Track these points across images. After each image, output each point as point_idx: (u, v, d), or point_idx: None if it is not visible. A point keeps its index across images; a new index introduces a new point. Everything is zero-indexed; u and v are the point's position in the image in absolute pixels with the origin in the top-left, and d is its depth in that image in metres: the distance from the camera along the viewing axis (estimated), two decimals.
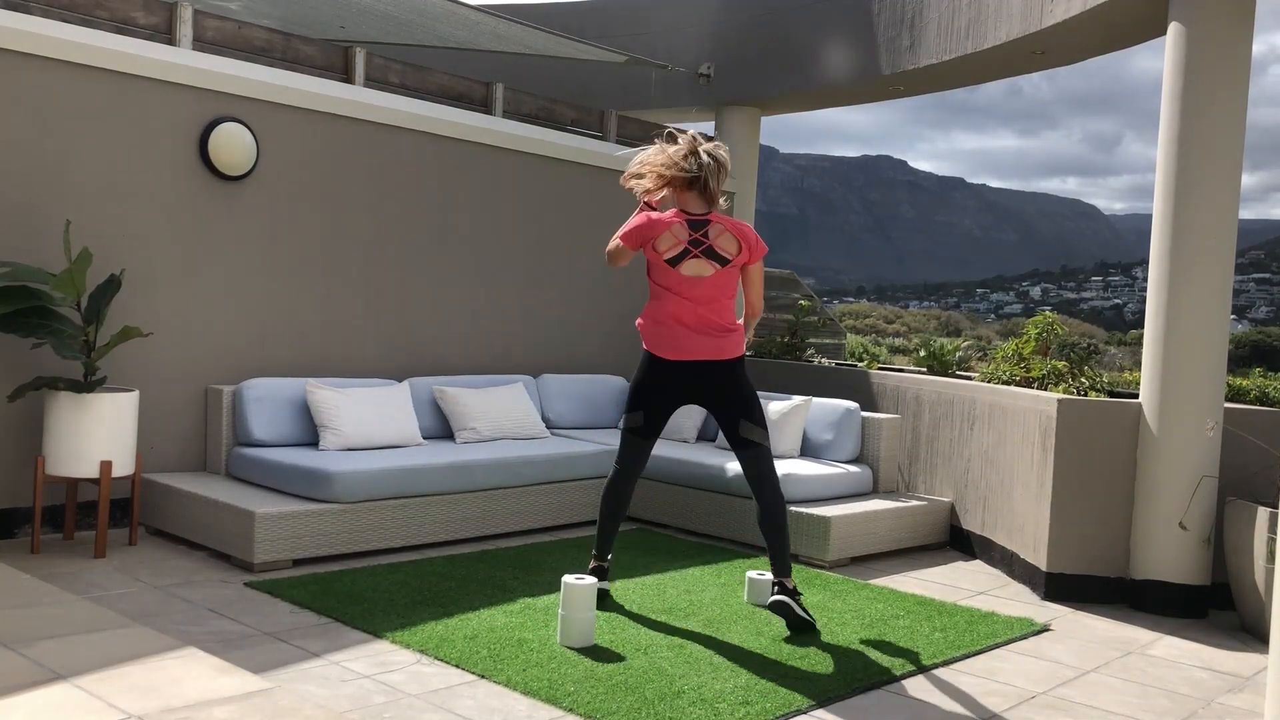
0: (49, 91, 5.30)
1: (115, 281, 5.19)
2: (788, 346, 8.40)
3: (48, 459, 4.98)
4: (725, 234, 4.44)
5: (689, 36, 9.11)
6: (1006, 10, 6.85)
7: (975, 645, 4.34)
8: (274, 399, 5.82)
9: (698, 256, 4.41)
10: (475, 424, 6.41)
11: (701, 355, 4.40)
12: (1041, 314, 6.44)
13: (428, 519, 5.53)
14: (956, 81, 8.23)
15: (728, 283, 4.45)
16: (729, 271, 4.44)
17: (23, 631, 3.06)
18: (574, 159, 7.72)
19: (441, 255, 6.98)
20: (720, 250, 4.42)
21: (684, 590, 4.94)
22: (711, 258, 4.40)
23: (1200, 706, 3.87)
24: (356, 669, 3.68)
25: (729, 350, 4.42)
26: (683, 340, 4.40)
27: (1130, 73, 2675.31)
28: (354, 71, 6.70)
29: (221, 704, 2.61)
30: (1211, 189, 5.17)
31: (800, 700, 3.59)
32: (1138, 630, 4.84)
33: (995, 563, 5.91)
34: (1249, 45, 5.17)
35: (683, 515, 6.32)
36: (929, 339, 7.67)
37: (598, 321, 8.02)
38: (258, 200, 6.09)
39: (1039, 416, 5.47)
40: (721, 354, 4.41)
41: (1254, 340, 42.25)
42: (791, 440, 6.49)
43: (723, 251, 4.42)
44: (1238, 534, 4.91)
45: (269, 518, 4.90)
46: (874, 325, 53.81)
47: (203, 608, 4.29)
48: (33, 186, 5.27)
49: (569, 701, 3.45)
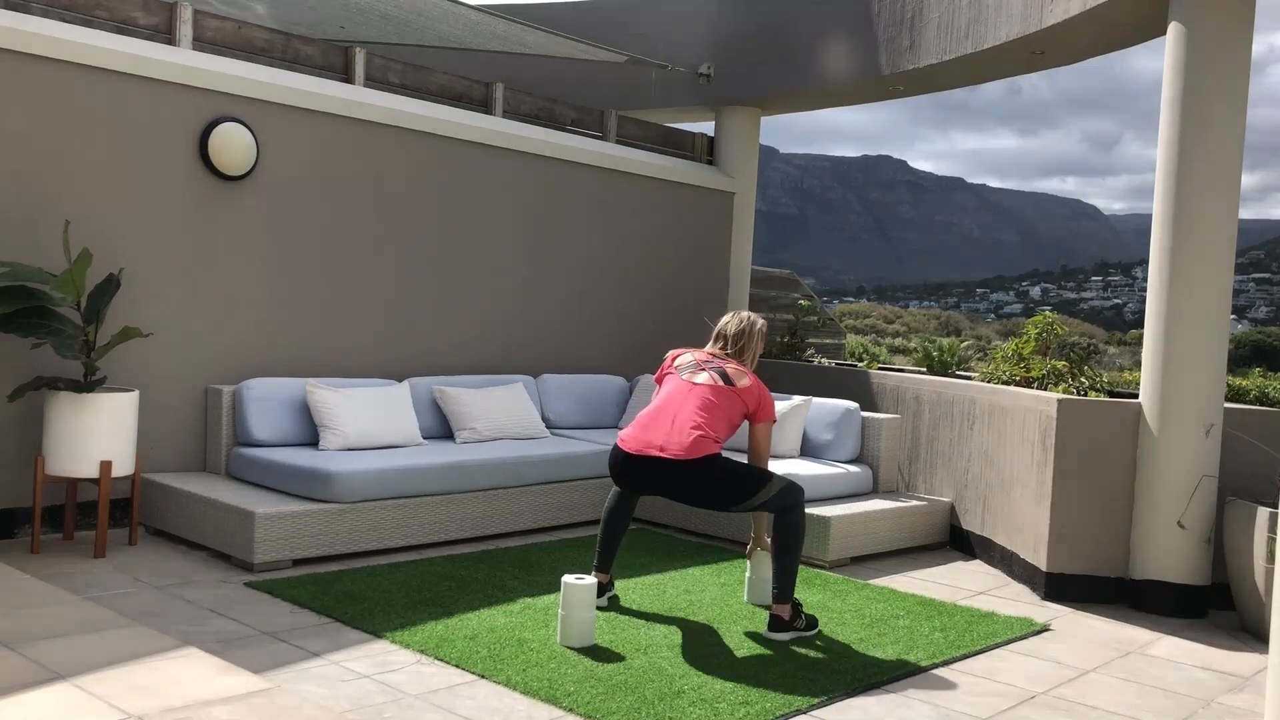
0: (49, 91, 5.30)
1: (114, 281, 5.19)
2: (788, 346, 8.41)
3: (48, 459, 4.98)
4: (739, 373, 4.47)
5: (689, 36, 9.11)
6: (1006, 10, 6.84)
7: (975, 645, 4.35)
8: (274, 399, 5.82)
9: (702, 369, 4.47)
10: (475, 424, 6.41)
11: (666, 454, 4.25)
12: (1041, 314, 6.44)
13: (427, 519, 5.53)
14: (956, 81, 8.23)
15: (723, 402, 4.37)
16: (730, 393, 4.39)
17: (23, 631, 3.06)
18: (574, 159, 7.73)
19: (441, 255, 6.98)
20: (728, 373, 4.44)
21: (684, 590, 4.94)
22: (718, 374, 4.44)
23: (1200, 706, 3.87)
24: (356, 669, 3.68)
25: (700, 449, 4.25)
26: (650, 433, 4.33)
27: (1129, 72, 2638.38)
28: (354, 71, 6.69)
29: (221, 704, 2.61)
30: (1212, 189, 5.17)
31: (800, 700, 3.59)
32: (1137, 630, 4.84)
33: (995, 563, 5.91)
34: (1249, 45, 5.17)
35: (683, 515, 6.32)
36: (928, 340, 7.67)
37: (598, 321, 8.02)
38: (258, 200, 6.09)
39: (1039, 416, 5.47)
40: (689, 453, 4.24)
41: (1254, 340, 42.23)
42: (791, 440, 6.49)
43: (731, 377, 4.43)
44: (1238, 534, 4.91)
45: (269, 518, 4.90)
46: (874, 325, 53.78)
47: (203, 608, 4.29)
48: (32, 186, 5.27)
49: (569, 701, 3.45)
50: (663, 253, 8.49)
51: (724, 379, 4.41)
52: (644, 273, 8.34)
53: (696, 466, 4.23)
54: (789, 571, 4.30)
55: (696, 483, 4.26)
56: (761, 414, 4.47)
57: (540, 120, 7.83)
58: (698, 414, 4.30)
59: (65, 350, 4.84)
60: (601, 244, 8.03)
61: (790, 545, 4.31)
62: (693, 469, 4.23)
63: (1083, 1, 6.00)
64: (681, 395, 4.39)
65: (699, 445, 4.23)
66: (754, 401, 4.44)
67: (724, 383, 4.40)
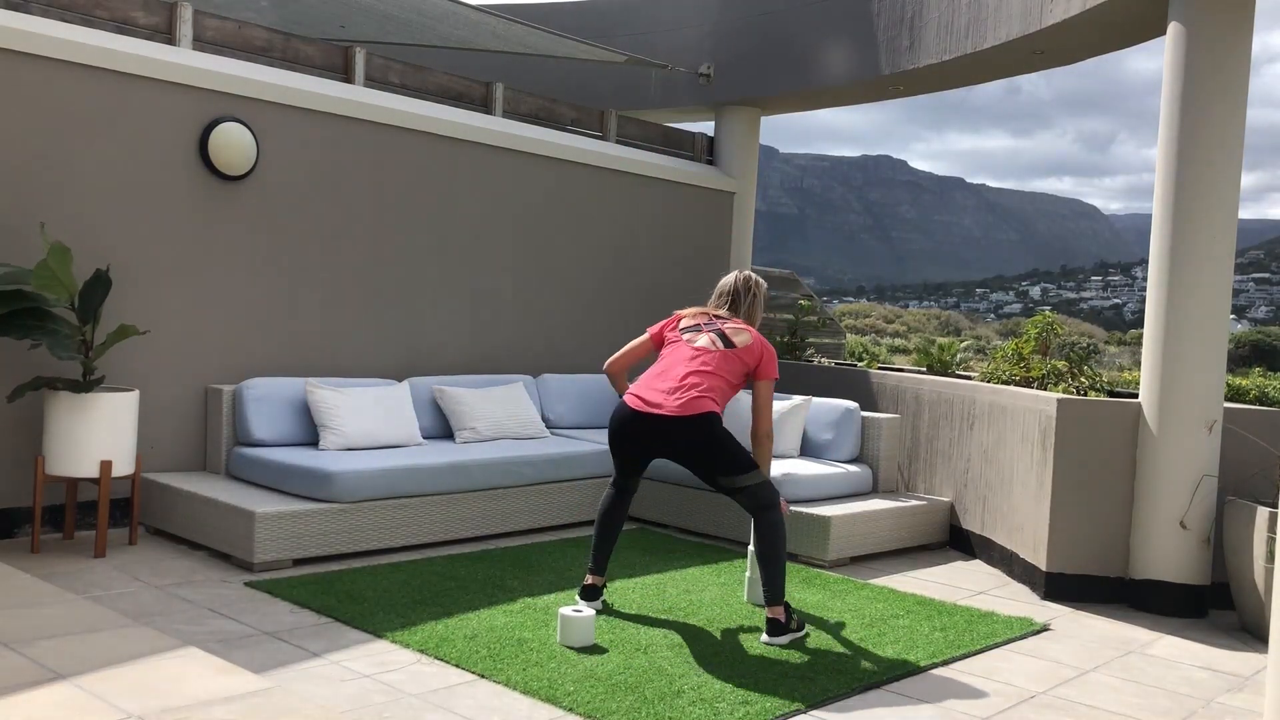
0: (49, 91, 5.30)
1: (104, 278, 5.15)
2: (788, 346, 8.41)
3: (47, 459, 4.98)
4: (741, 331, 4.50)
5: (689, 36, 9.12)
6: (1006, 10, 6.84)
7: (975, 645, 4.35)
8: (274, 399, 5.82)
9: (704, 332, 4.49)
10: (475, 424, 6.41)
11: (673, 411, 4.29)
12: (1041, 314, 6.45)
13: (427, 519, 5.53)
14: (956, 81, 8.23)
15: (722, 364, 4.40)
16: (728, 355, 4.42)
17: (23, 631, 3.06)
18: (574, 159, 7.73)
19: (441, 254, 6.99)
20: (730, 335, 4.47)
21: (684, 590, 4.94)
22: (719, 335, 4.46)
23: (1200, 706, 3.87)
24: (356, 669, 3.68)
25: (701, 406, 4.30)
26: (656, 394, 4.37)
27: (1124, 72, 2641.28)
28: (354, 71, 6.69)
29: (221, 704, 2.61)
30: (1211, 188, 5.17)
31: (800, 700, 3.59)
32: (1137, 630, 4.84)
33: (995, 562, 5.91)
34: (1249, 45, 5.17)
35: (683, 515, 6.32)
36: (927, 340, 7.67)
37: (598, 321, 8.02)
38: (258, 200, 6.09)
39: (1039, 416, 5.47)
40: (692, 409, 4.28)
41: (1254, 340, 42.21)
42: (791, 440, 6.49)
43: (732, 338, 4.46)
44: (1237, 534, 4.91)
45: (269, 517, 4.90)
46: (874, 325, 53.80)
47: (203, 608, 4.29)
48: (31, 187, 5.27)
49: (569, 701, 3.45)
50: (663, 253, 8.49)
51: (723, 340, 4.45)
52: (644, 273, 8.34)
53: (695, 423, 4.28)
54: (779, 572, 4.29)
55: (693, 442, 4.30)
56: (763, 371, 4.49)
57: (540, 120, 7.83)
58: (697, 376, 4.36)
59: (60, 350, 4.83)
60: (601, 244, 8.03)
61: (777, 545, 4.30)
62: (691, 426, 4.28)
63: (1083, 1, 6.00)
64: (682, 358, 4.43)
65: (697, 403, 4.29)
66: (754, 358, 4.46)
67: (723, 344, 4.44)
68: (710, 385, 4.34)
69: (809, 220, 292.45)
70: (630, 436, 4.42)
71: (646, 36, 9.26)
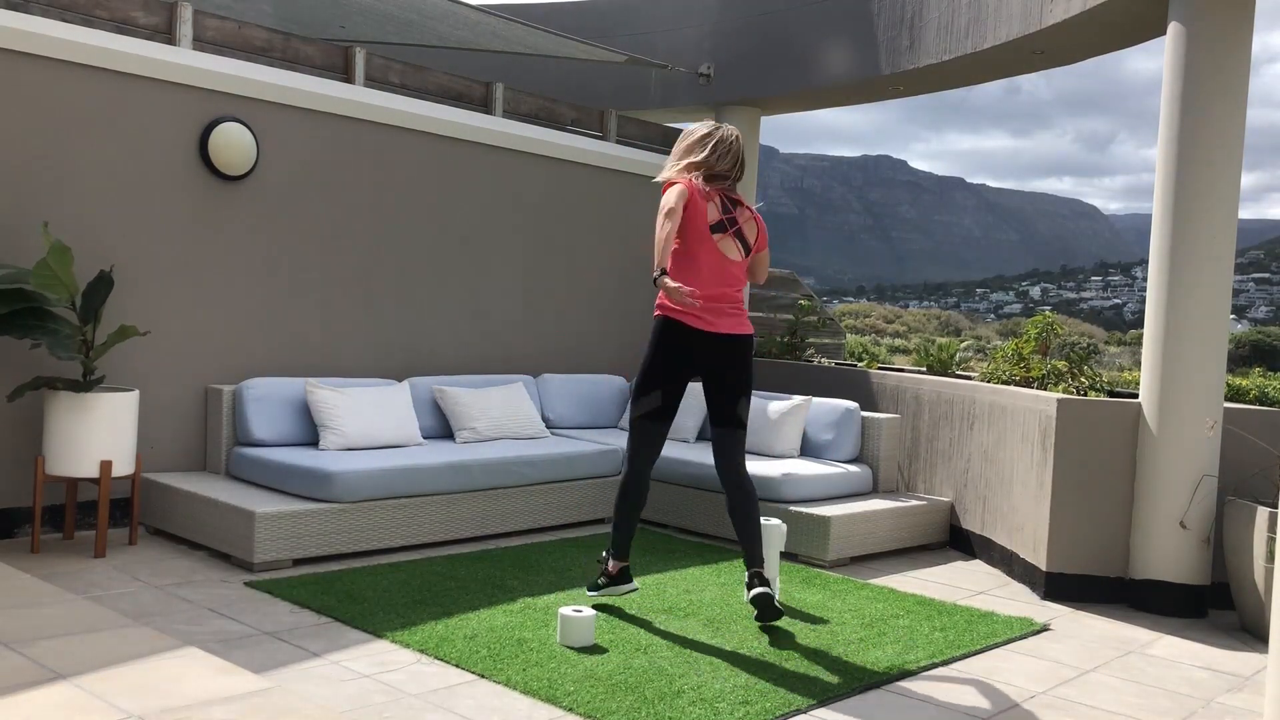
0: (49, 91, 5.30)
1: (106, 279, 5.16)
2: (788, 346, 8.40)
3: (47, 459, 4.98)
4: (750, 222, 4.64)
5: (689, 36, 9.12)
6: (1006, 10, 6.85)
7: (975, 645, 4.35)
8: (274, 399, 5.82)
9: (730, 237, 4.56)
10: (475, 424, 6.41)
11: (731, 329, 4.51)
12: (1041, 314, 6.44)
13: (427, 519, 5.53)
14: (956, 81, 8.23)
15: (746, 272, 4.68)
16: (748, 261, 4.67)
17: (23, 631, 3.06)
18: (574, 159, 7.73)
19: (441, 255, 6.99)
20: (746, 236, 4.61)
21: (684, 590, 4.94)
22: (740, 240, 4.58)
23: (1200, 706, 3.87)
24: (356, 669, 3.68)
25: (749, 326, 4.63)
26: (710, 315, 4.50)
27: (1124, 72, 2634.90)
28: (354, 71, 6.69)
29: (221, 704, 2.61)
30: (1211, 188, 5.17)
31: (800, 700, 3.59)
32: (1137, 630, 4.84)
33: (995, 562, 5.91)
34: (1249, 45, 5.17)
35: (683, 515, 6.32)
36: (927, 340, 7.68)
37: (598, 321, 8.02)
38: (258, 200, 6.09)
39: (1039, 416, 5.47)
40: (745, 328, 4.58)
41: (1254, 340, 42.22)
42: (791, 440, 6.49)
43: (748, 237, 4.62)
44: (1237, 534, 4.91)
45: (269, 517, 4.90)
46: (874, 325, 53.81)
47: (203, 607, 4.29)
48: (32, 187, 5.27)
49: (569, 701, 3.45)
50: None
51: (743, 245, 4.60)
52: (644, 273, 8.33)
53: (749, 343, 4.57)
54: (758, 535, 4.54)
55: (745, 360, 4.53)
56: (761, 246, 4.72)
57: (540, 120, 7.82)
58: (737, 291, 4.58)
59: (61, 350, 4.83)
60: (601, 244, 8.03)
61: (758, 511, 4.54)
62: (747, 344, 4.55)
63: (1083, 1, 6.00)
64: (722, 274, 4.52)
65: (747, 322, 4.60)
66: (758, 246, 4.69)
67: (744, 252, 4.60)
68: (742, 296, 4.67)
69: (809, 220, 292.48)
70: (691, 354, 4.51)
71: (646, 36, 9.26)
